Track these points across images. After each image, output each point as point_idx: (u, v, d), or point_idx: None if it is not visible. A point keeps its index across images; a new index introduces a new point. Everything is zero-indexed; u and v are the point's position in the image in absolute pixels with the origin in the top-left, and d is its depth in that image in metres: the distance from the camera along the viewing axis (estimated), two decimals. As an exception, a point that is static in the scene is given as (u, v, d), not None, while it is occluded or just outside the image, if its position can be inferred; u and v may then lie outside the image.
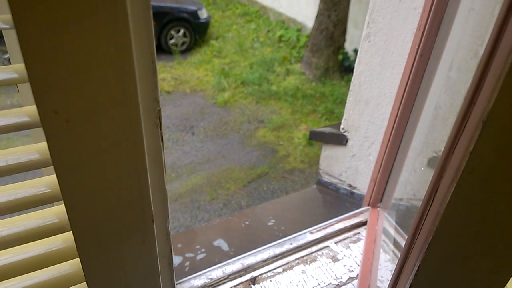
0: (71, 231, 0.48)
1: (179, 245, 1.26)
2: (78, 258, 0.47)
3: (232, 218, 1.43)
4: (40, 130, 0.59)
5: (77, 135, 0.33)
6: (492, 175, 0.30)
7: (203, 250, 1.24)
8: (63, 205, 0.48)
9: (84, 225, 0.42)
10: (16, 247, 0.48)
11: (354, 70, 1.33)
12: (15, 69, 0.44)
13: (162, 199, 0.45)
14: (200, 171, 4.23)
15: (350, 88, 1.36)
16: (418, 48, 0.94)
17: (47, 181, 0.48)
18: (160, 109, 0.39)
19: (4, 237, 0.45)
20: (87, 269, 0.46)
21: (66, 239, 0.51)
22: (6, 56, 4.48)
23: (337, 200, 1.51)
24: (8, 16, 0.36)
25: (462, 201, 0.32)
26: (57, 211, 0.50)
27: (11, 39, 0.50)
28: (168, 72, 6.03)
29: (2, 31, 0.54)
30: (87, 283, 0.46)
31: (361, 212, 1.22)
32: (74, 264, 0.51)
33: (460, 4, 0.85)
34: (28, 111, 0.46)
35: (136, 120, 0.35)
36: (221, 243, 1.27)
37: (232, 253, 1.21)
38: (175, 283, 0.77)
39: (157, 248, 0.46)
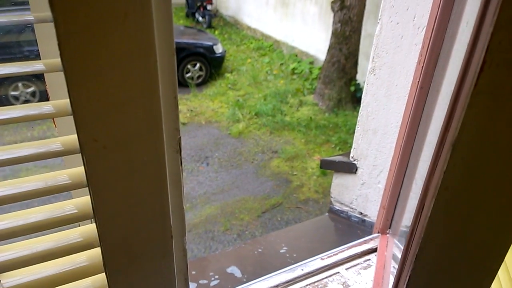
0: (97, 248, 0.54)
1: (193, 272, 1.30)
2: (104, 273, 0.53)
3: (245, 245, 1.47)
4: (71, 158, 0.66)
5: (111, 159, 0.40)
6: (465, 191, 0.35)
7: (216, 277, 1.27)
8: (89, 224, 0.54)
9: (112, 241, 0.47)
10: (47, 262, 0.54)
11: (362, 101, 1.40)
12: (54, 105, 0.51)
13: (180, 218, 0.50)
14: (214, 201, 4.26)
15: (358, 118, 1.42)
16: (418, 81, 1.00)
17: (76, 203, 0.54)
18: (180, 137, 0.46)
19: (40, 252, 0.51)
20: (112, 283, 0.51)
21: (91, 256, 0.57)
22: (29, 90, 4.70)
23: (349, 228, 1.53)
24: (57, 60, 0.44)
25: (442, 215, 0.36)
26: (83, 230, 0.56)
27: (53, 81, 0.57)
28: (184, 104, 6.20)
29: (44, 74, 0.62)
30: (110, 286, 0.51)
31: (371, 239, 1.25)
32: (98, 280, 0.56)
33: (455, 40, 0.91)
34: (63, 140, 0.53)
35: (160, 147, 0.42)
36: (234, 270, 1.30)
37: (245, 280, 1.24)
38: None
39: (175, 263, 0.51)
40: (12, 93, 4.57)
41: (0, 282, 0.52)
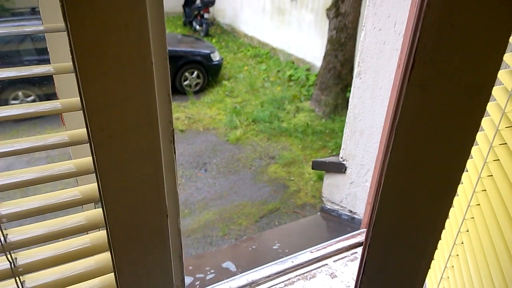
0: (104, 230, 0.61)
1: (190, 267, 1.36)
2: (108, 251, 0.60)
3: (239, 243, 1.53)
4: (77, 149, 0.74)
5: (115, 147, 0.47)
6: (406, 166, 0.42)
7: (212, 271, 1.33)
8: (92, 210, 0.61)
9: (116, 221, 0.55)
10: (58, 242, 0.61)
11: (349, 104, 1.47)
12: (65, 102, 0.59)
13: (174, 200, 0.57)
14: (213, 207, 4.31)
15: (346, 120, 1.50)
16: (398, 83, 1.07)
17: (81, 189, 0.62)
18: (173, 129, 0.53)
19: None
20: (117, 260, 0.58)
21: (98, 237, 0.64)
22: (29, 98, 4.78)
23: (339, 226, 1.60)
24: (65, 64, 0.52)
25: (391, 189, 0.43)
26: (87, 215, 0.63)
27: (61, 82, 0.65)
28: (182, 112, 6.27)
29: (54, 77, 0.69)
30: (115, 262, 0.58)
31: (358, 234, 1.31)
32: (103, 259, 0.63)
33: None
34: (71, 134, 0.60)
35: (156, 137, 0.49)
36: (229, 265, 1.37)
37: (239, 273, 1.31)
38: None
39: (170, 241, 0.58)
40: (13, 101, 4.65)
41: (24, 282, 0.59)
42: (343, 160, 1.55)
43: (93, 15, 0.40)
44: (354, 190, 1.55)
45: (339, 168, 1.57)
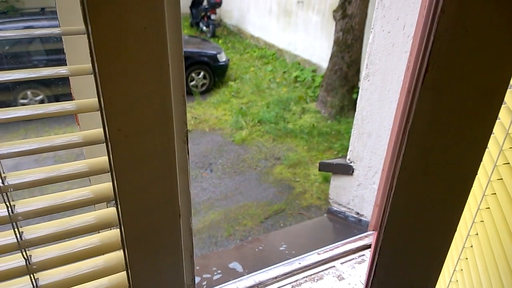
0: (115, 229, 0.62)
1: (197, 267, 1.37)
2: (121, 250, 0.61)
3: (246, 244, 1.54)
4: (90, 151, 0.75)
5: (131, 147, 0.48)
6: (419, 169, 0.42)
7: (219, 271, 1.34)
8: (105, 209, 0.62)
9: (130, 219, 0.56)
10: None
11: (357, 106, 1.48)
12: (81, 103, 0.60)
13: (187, 200, 0.58)
14: (218, 207, 4.32)
15: (354, 122, 1.50)
16: (407, 86, 1.07)
17: (94, 188, 0.63)
18: (187, 130, 0.54)
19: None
20: (130, 258, 0.59)
21: (110, 236, 0.65)
22: (38, 98, 4.82)
23: (346, 228, 1.60)
24: (88, 66, 0.53)
25: (403, 191, 0.44)
26: (99, 214, 0.64)
27: (77, 83, 0.66)
28: (189, 112, 6.26)
29: (70, 79, 0.71)
30: (128, 260, 0.59)
31: (366, 236, 1.31)
32: (116, 257, 0.64)
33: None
34: (85, 134, 0.61)
35: (171, 137, 0.50)
36: (236, 265, 1.38)
37: (246, 274, 1.32)
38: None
39: (182, 240, 0.59)
40: (21, 100, 4.69)
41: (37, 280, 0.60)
42: (351, 162, 1.56)
43: (114, 19, 0.41)
44: (361, 192, 1.55)
45: (347, 170, 1.57)
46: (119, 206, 0.54)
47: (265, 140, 5.62)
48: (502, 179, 0.82)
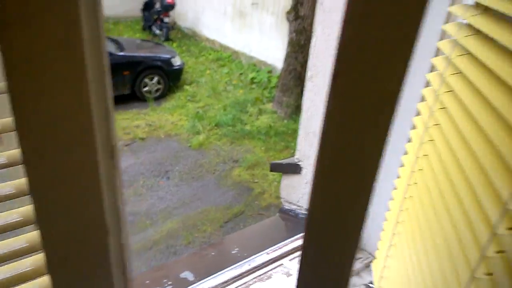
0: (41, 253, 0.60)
1: (147, 282, 1.34)
2: (47, 275, 0.59)
3: (199, 251, 1.53)
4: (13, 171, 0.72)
5: (49, 167, 0.47)
6: (333, 168, 0.46)
7: (170, 283, 1.32)
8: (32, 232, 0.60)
9: (53, 242, 0.54)
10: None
11: (302, 106, 1.52)
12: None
13: (117, 216, 0.58)
14: (176, 215, 4.22)
15: (300, 121, 1.54)
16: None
17: (20, 211, 0.61)
18: (115, 144, 0.54)
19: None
20: (55, 283, 0.58)
21: (35, 260, 0.63)
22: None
23: (297, 225, 1.64)
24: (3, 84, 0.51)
25: (319, 183, 0.47)
26: (26, 237, 0.62)
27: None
28: (142, 119, 6.14)
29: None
30: (53, 286, 0.57)
31: (314, 234, 1.35)
32: (41, 282, 0.62)
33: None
34: (8, 155, 0.59)
35: (93, 153, 0.49)
36: (187, 275, 1.36)
37: (197, 282, 1.31)
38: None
39: (111, 259, 0.58)
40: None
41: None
42: (299, 161, 1.59)
43: (26, 36, 0.40)
44: (309, 189, 1.59)
45: (295, 169, 1.61)
46: (40, 230, 0.52)
47: (222, 144, 5.60)
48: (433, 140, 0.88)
